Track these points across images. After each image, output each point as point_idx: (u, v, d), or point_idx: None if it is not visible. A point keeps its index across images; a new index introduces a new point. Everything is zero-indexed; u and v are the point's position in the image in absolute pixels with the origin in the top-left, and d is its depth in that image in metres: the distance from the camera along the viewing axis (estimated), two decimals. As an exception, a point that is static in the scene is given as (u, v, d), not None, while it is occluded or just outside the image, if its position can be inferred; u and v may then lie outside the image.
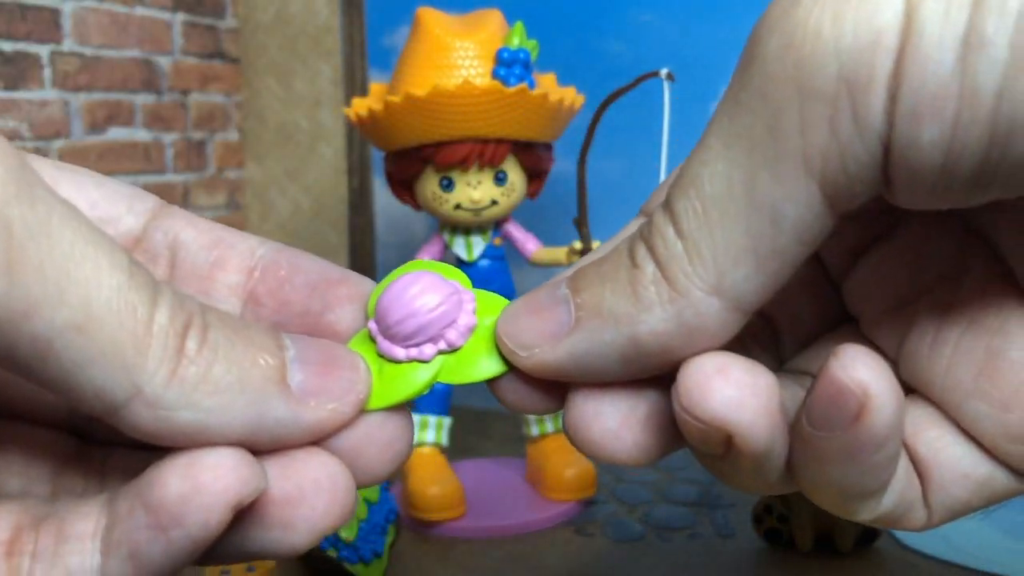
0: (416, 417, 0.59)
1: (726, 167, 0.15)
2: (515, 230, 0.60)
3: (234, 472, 0.15)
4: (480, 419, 0.78)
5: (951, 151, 0.13)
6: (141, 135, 0.84)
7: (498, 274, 0.59)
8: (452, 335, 0.18)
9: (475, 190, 0.56)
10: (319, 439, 0.17)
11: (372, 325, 0.18)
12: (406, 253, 0.76)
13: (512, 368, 0.18)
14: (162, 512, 0.15)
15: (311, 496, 0.16)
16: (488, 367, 0.18)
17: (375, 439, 0.17)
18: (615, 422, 0.18)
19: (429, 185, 0.56)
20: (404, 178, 0.58)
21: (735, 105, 0.16)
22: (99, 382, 0.14)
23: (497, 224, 0.60)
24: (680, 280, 0.16)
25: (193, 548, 0.15)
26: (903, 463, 0.17)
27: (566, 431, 0.18)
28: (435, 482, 0.56)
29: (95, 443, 0.19)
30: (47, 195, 0.14)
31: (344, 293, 0.19)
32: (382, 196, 0.86)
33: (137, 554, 0.15)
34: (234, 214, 0.94)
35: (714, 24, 0.71)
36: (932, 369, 0.18)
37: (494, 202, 0.56)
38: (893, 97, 0.13)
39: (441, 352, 0.18)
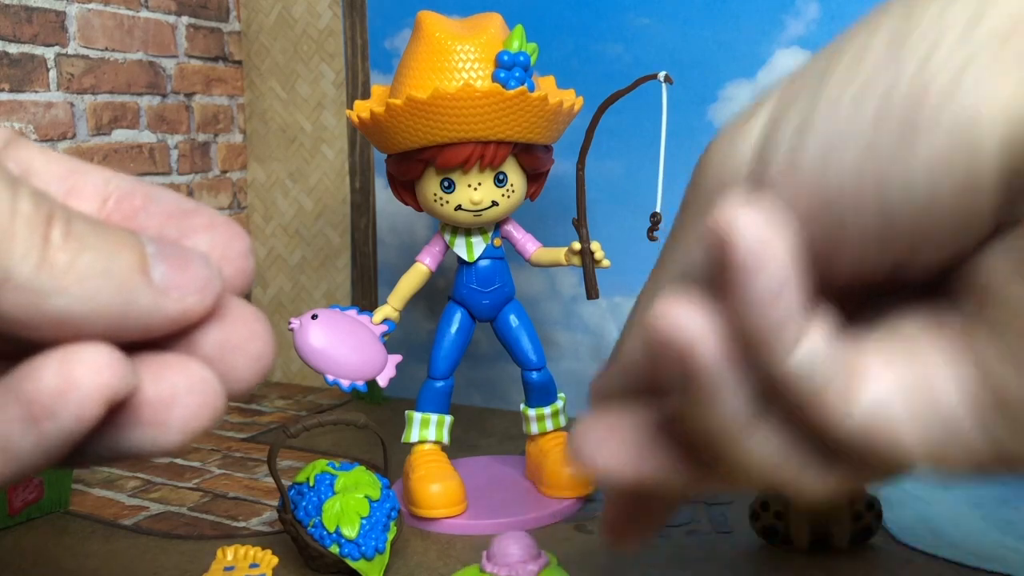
0: (417, 415, 0.60)
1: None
2: (515, 231, 0.61)
3: (108, 368, 0.15)
4: (480, 417, 0.78)
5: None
6: (146, 137, 0.85)
7: (498, 274, 0.60)
8: None
9: (476, 191, 0.56)
10: (178, 329, 0.17)
11: None
12: (408, 254, 0.77)
13: None
14: (35, 405, 0.15)
15: (184, 397, 0.17)
16: None
17: (241, 350, 0.18)
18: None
19: (430, 187, 0.57)
20: (405, 180, 0.58)
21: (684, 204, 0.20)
22: None
23: (497, 225, 0.60)
24: None
25: (65, 442, 0.15)
26: None
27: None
28: (436, 479, 0.56)
29: None
30: None
31: (199, 223, 0.19)
32: (384, 197, 0.86)
33: (7, 447, 0.15)
34: (238, 215, 0.95)
35: (712, 27, 0.71)
36: None
37: (494, 203, 0.57)
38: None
39: None
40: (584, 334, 0.79)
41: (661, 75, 0.54)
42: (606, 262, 0.58)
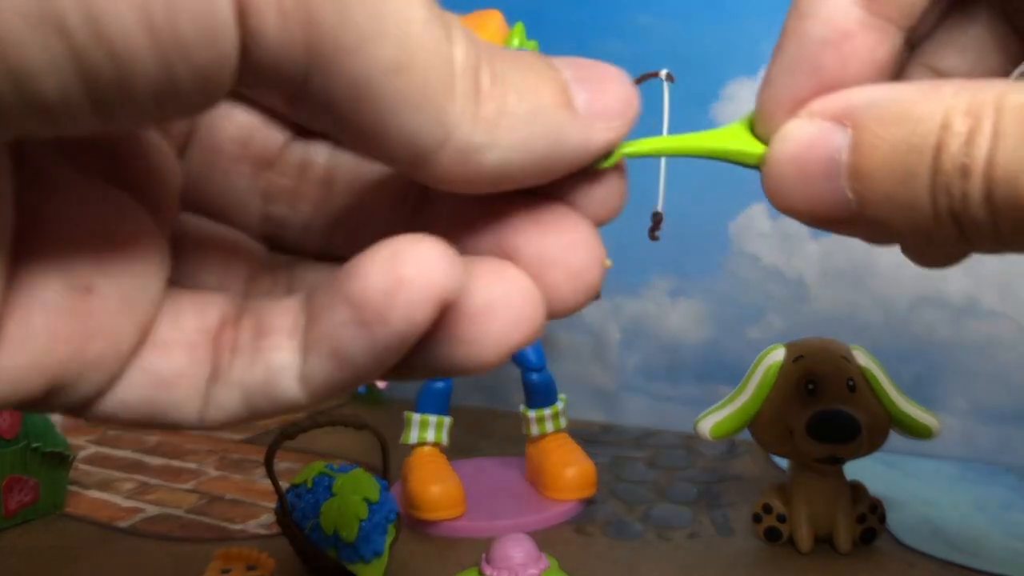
0: (417, 416, 0.59)
1: None
2: (515, 230, 0.60)
3: (439, 266, 0.14)
4: (480, 418, 0.78)
5: None
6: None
7: (498, 274, 0.59)
8: None
9: (475, 190, 0.56)
10: (598, 158, 0.16)
11: None
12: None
13: None
14: (366, 307, 0.14)
15: (502, 309, 0.15)
16: None
17: (561, 263, 0.16)
18: None
19: (429, 185, 0.56)
20: (404, 178, 0.58)
21: None
22: (412, 127, 0.13)
23: (497, 224, 0.60)
24: None
25: (398, 346, 0.14)
26: None
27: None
28: (435, 481, 0.56)
29: (283, 251, 0.19)
30: None
31: None
32: (383, 197, 0.86)
33: (339, 352, 0.14)
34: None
35: (714, 25, 0.71)
36: None
37: (494, 202, 0.56)
38: None
39: None
40: (585, 334, 0.79)
41: (662, 73, 0.53)
42: (607, 262, 0.58)
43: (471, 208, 0.17)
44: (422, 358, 0.15)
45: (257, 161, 0.18)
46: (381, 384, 0.57)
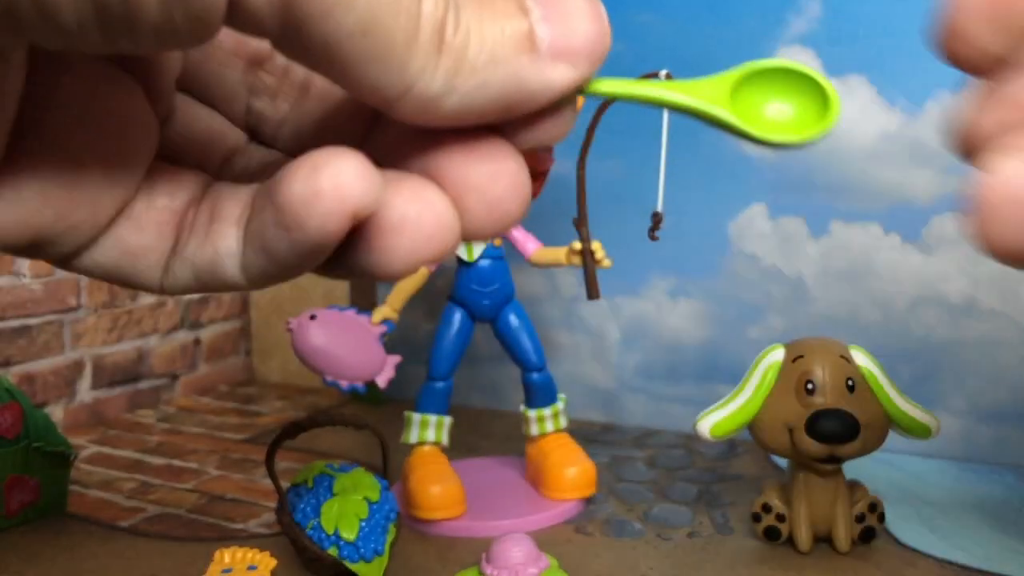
0: (417, 416, 0.59)
1: None
2: (515, 230, 0.60)
3: (354, 181, 0.15)
4: (480, 418, 0.78)
5: None
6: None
7: (498, 274, 0.59)
8: None
9: (475, 190, 0.56)
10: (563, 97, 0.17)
11: None
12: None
13: None
14: (286, 213, 0.15)
15: (413, 225, 0.16)
16: None
17: (482, 190, 0.17)
18: None
19: (430, 186, 0.56)
20: (405, 179, 0.58)
21: None
22: (375, 81, 0.15)
23: (497, 224, 0.60)
24: None
25: (316, 250, 0.15)
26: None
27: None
28: (435, 481, 0.56)
29: (261, 144, 0.20)
30: None
31: None
32: (383, 197, 0.86)
33: (267, 249, 0.16)
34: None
35: (714, 25, 0.71)
36: None
37: (494, 202, 0.56)
38: None
39: None
40: (584, 335, 0.79)
41: (663, 73, 0.54)
42: (607, 262, 0.58)
43: (415, 130, 0.18)
44: (343, 260, 0.17)
45: (251, 58, 0.20)
46: (382, 382, 0.57)
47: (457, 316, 0.60)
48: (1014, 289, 0.65)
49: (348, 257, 0.16)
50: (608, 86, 0.19)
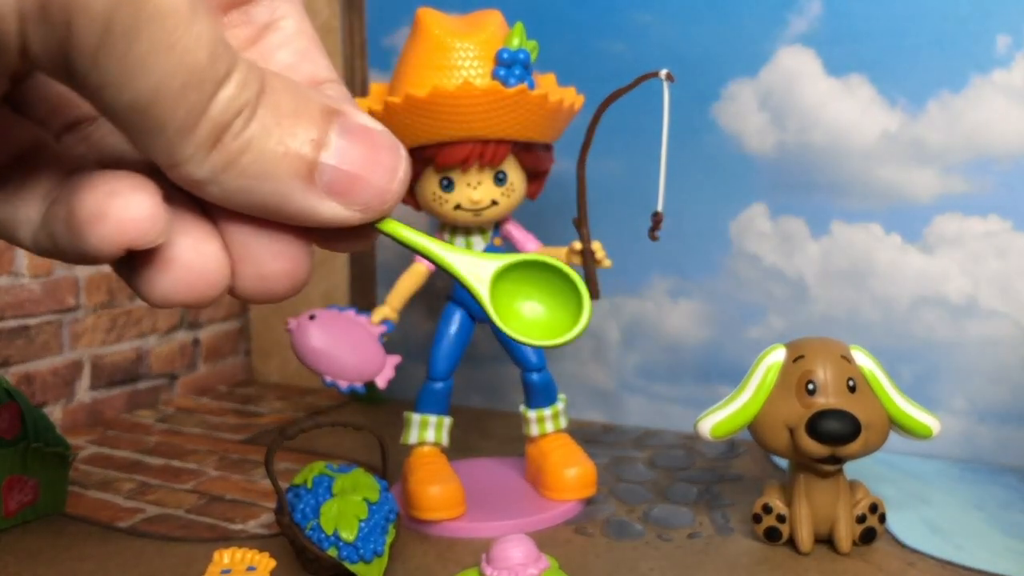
0: (416, 416, 0.59)
1: None
2: (515, 230, 0.60)
3: (138, 220, 0.16)
4: (480, 419, 0.78)
5: None
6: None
7: (498, 274, 0.59)
8: None
9: (475, 190, 0.56)
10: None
11: None
12: (406, 253, 0.76)
13: None
14: (72, 218, 0.16)
15: (179, 273, 0.17)
16: None
17: (261, 266, 0.18)
18: None
19: (429, 185, 0.56)
20: (404, 178, 0.58)
21: None
22: (145, 147, 0.16)
23: (497, 224, 0.60)
24: None
25: (91, 260, 0.17)
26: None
27: None
28: (435, 482, 0.56)
29: None
30: None
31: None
32: (383, 197, 0.86)
33: (53, 237, 0.17)
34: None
35: (714, 25, 0.71)
36: None
37: (494, 202, 0.56)
38: None
39: None
40: (585, 335, 0.79)
41: (663, 73, 0.53)
42: (607, 262, 0.58)
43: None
44: (125, 272, 0.18)
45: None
46: (381, 383, 0.57)
47: (457, 316, 0.60)
48: (1015, 289, 0.65)
49: (127, 273, 0.18)
50: (393, 229, 0.19)
